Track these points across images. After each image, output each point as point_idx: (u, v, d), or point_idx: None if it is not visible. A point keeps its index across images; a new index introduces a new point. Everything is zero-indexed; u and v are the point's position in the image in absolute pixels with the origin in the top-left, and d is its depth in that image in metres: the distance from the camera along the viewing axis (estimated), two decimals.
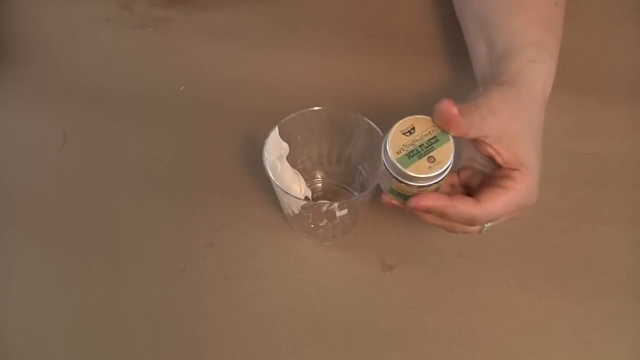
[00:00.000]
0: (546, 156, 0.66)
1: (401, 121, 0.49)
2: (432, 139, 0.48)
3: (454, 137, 0.48)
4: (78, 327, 0.57)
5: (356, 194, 0.62)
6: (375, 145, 0.58)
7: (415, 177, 0.48)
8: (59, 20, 0.68)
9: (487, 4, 0.62)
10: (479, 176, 0.54)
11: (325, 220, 0.58)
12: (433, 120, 0.49)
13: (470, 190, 0.54)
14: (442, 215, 0.50)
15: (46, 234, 0.62)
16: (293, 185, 0.59)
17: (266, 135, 0.58)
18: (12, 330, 0.57)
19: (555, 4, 0.61)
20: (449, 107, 0.47)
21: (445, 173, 0.48)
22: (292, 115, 0.59)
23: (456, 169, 0.55)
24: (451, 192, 0.53)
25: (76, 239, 0.62)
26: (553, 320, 0.57)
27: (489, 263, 0.60)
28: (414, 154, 0.48)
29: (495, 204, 0.50)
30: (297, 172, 0.60)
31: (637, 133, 0.68)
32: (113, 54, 0.75)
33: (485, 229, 0.53)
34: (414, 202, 0.49)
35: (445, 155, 0.48)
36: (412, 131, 0.49)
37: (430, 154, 0.48)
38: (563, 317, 0.57)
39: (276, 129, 0.58)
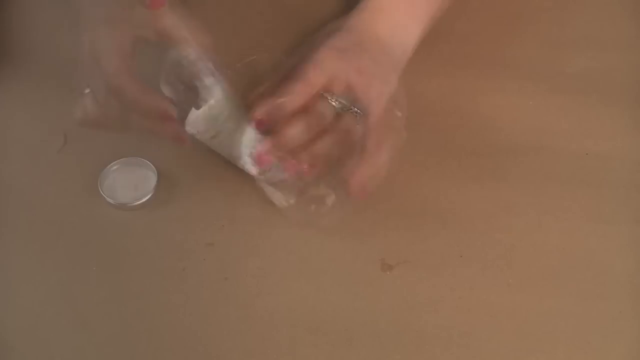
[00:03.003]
0: (546, 156, 0.66)
1: None
2: None
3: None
4: (78, 327, 0.57)
5: None
6: None
7: None
8: (59, 20, 0.68)
9: None
10: None
11: None
12: None
13: None
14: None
15: (46, 233, 0.62)
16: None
17: None
18: (12, 330, 0.57)
19: None
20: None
21: None
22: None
23: None
24: None
25: (76, 239, 0.62)
26: (553, 320, 0.57)
27: (489, 263, 0.60)
28: None
29: None
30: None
31: (637, 133, 0.68)
32: None
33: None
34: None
35: None
36: None
37: None
38: (563, 317, 0.57)
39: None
